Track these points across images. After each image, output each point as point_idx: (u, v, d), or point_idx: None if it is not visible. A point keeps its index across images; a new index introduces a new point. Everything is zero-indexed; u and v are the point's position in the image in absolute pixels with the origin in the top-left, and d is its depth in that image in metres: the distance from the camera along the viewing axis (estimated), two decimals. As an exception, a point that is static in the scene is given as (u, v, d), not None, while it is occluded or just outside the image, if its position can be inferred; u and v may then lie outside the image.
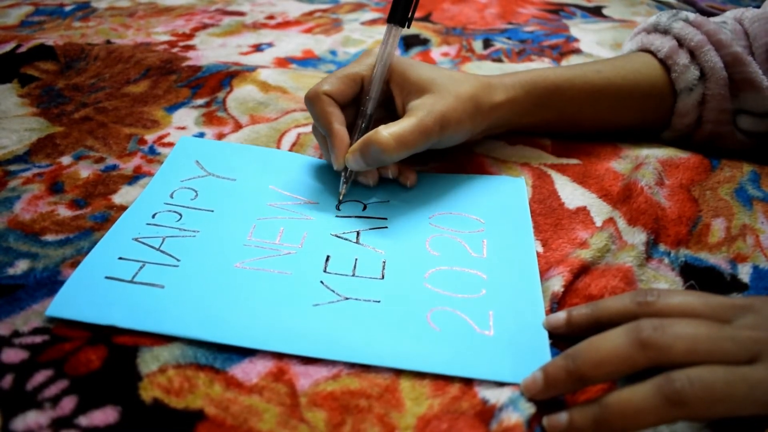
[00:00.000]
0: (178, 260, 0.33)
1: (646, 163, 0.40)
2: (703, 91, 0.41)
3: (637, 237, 0.35)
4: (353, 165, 0.37)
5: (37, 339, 0.28)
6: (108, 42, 0.65)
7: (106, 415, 0.25)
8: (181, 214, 0.36)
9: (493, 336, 0.29)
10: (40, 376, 0.26)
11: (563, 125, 0.44)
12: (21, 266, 0.32)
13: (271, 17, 0.78)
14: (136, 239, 0.34)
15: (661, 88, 0.42)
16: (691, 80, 0.41)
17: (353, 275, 0.33)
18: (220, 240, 0.35)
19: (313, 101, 0.38)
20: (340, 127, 0.37)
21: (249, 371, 0.27)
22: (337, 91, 0.38)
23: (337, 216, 0.37)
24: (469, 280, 0.33)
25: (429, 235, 0.36)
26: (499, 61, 0.65)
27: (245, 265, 0.33)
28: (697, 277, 0.33)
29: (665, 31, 0.43)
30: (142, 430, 0.25)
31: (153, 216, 0.36)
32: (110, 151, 0.43)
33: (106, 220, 0.36)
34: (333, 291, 0.31)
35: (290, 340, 0.28)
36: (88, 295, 0.30)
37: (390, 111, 0.40)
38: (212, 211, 0.37)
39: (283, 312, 0.30)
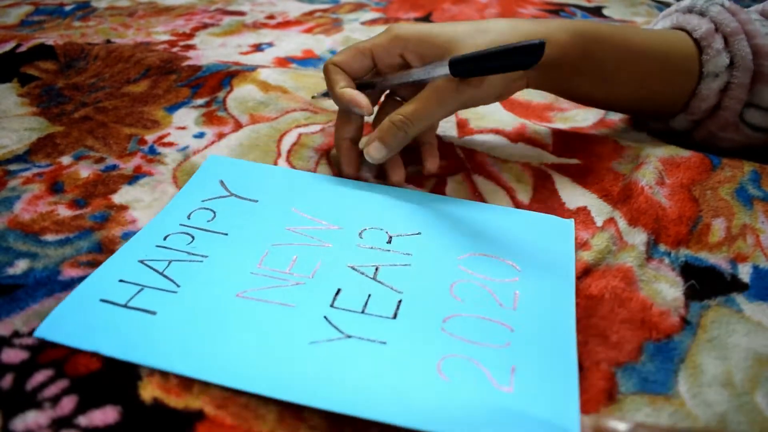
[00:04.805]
0: (178, 286, 0.31)
1: (646, 163, 0.40)
2: (728, 79, 0.41)
3: (638, 237, 0.35)
4: (375, 154, 0.38)
5: (37, 339, 0.28)
6: (108, 41, 0.65)
7: (105, 414, 0.25)
8: (193, 237, 0.34)
9: (512, 394, 0.26)
10: (40, 376, 0.26)
11: (598, 84, 0.42)
12: (21, 266, 0.32)
13: (271, 17, 0.78)
14: (141, 261, 0.32)
15: (691, 66, 0.42)
16: (720, 66, 0.41)
17: (363, 312, 0.30)
18: (227, 266, 0.32)
19: (324, 72, 0.40)
20: (346, 87, 0.39)
21: (249, 371, 0.27)
22: (345, 62, 0.39)
23: (358, 245, 0.34)
24: (494, 330, 0.29)
25: (455, 280, 0.32)
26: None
27: (247, 295, 0.30)
28: (697, 276, 0.33)
29: (701, 13, 0.43)
30: (142, 429, 0.24)
31: (165, 238, 0.34)
32: (110, 151, 0.43)
33: (106, 219, 0.36)
34: (336, 327, 0.29)
35: (279, 384, 0.26)
36: (79, 317, 0.29)
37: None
38: (226, 234, 0.35)
39: (277, 350, 0.27)
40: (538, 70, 0.40)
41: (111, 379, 0.26)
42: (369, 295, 0.31)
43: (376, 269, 0.33)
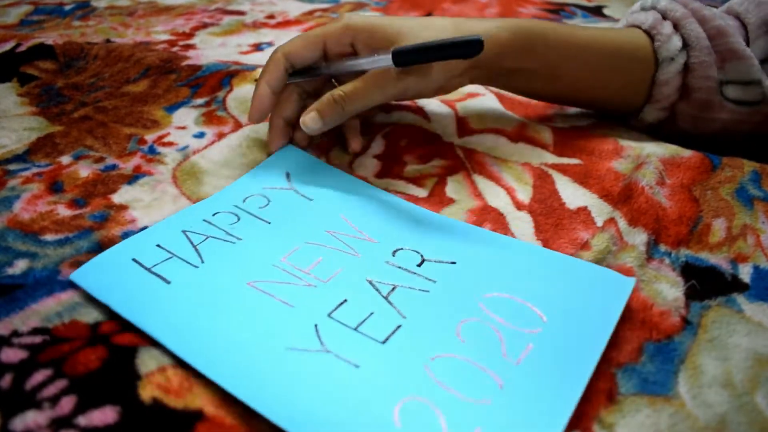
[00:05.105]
0: (202, 262, 0.32)
1: (647, 163, 0.40)
2: (685, 61, 0.42)
3: (638, 237, 0.35)
4: (311, 124, 0.39)
5: (37, 339, 0.28)
6: (107, 41, 0.65)
7: (105, 414, 0.25)
8: (239, 218, 0.36)
9: None
10: (40, 376, 0.26)
11: (545, 79, 0.44)
12: (20, 266, 0.32)
13: (271, 16, 0.78)
14: (184, 231, 0.34)
15: (645, 55, 0.43)
16: (673, 50, 0.42)
17: (355, 329, 0.29)
18: (254, 253, 0.33)
19: (269, 57, 0.41)
20: (265, 83, 0.41)
21: (249, 371, 0.27)
22: (295, 52, 0.41)
23: (386, 262, 0.33)
24: (479, 381, 0.26)
25: (468, 317, 0.29)
26: (500, 60, 0.65)
27: (257, 286, 0.31)
28: (697, 277, 0.33)
29: (651, 8, 0.45)
30: (142, 429, 0.24)
31: (214, 215, 0.36)
32: (110, 150, 0.43)
33: (105, 219, 0.36)
34: (319, 338, 0.28)
35: (244, 383, 0.25)
36: (109, 270, 0.31)
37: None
38: (269, 223, 0.36)
39: (253, 347, 0.27)
40: (478, 69, 0.42)
41: (110, 379, 0.26)
42: (371, 313, 0.29)
43: (393, 289, 0.31)
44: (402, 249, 0.34)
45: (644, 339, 0.29)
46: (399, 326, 0.29)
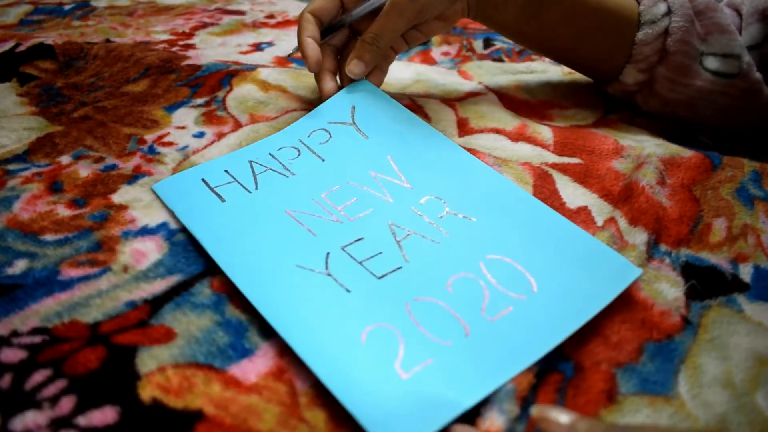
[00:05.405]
0: (256, 189, 0.37)
1: (647, 162, 0.40)
2: (667, 25, 0.44)
3: (638, 237, 0.35)
4: (356, 69, 0.43)
5: (36, 339, 0.28)
6: (107, 41, 0.65)
7: (104, 414, 0.25)
8: (299, 153, 0.40)
9: (405, 380, 0.26)
10: (39, 376, 0.26)
11: (526, 19, 0.46)
12: (20, 266, 0.32)
13: (271, 16, 0.78)
14: (250, 161, 0.39)
15: (629, 16, 0.45)
16: (656, 14, 0.44)
17: (360, 263, 0.32)
18: (300, 187, 0.37)
19: (298, 19, 0.45)
20: (308, 38, 0.44)
21: (248, 370, 0.27)
22: (319, 9, 0.45)
23: (412, 209, 0.36)
24: (449, 327, 0.28)
25: (463, 273, 0.31)
26: (500, 60, 0.65)
27: (292, 214, 0.35)
28: (698, 276, 0.33)
29: None
30: (141, 430, 0.24)
31: (279, 149, 0.40)
32: (110, 150, 0.43)
33: (105, 219, 0.36)
34: (326, 263, 0.32)
35: (254, 286, 0.30)
36: (182, 186, 0.37)
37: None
38: (323, 160, 0.39)
39: (272, 260, 0.32)
40: None
41: (110, 378, 0.26)
42: (380, 252, 0.32)
43: (407, 235, 0.34)
44: (430, 197, 0.36)
45: (644, 339, 0.29)
46: (399, 267, 0.32)
